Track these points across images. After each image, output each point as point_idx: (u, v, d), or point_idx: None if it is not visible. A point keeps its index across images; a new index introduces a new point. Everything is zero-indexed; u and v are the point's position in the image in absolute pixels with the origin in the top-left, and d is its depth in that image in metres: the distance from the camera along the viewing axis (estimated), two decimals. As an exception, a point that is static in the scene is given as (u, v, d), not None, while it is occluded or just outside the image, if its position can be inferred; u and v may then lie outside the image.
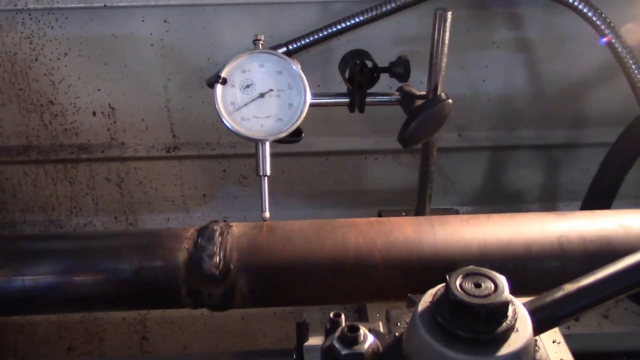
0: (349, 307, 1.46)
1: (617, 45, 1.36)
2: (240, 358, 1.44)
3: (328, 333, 0.86)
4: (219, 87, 1.11)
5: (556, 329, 1.17)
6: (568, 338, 1.13)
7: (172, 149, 1.79)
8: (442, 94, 1.22)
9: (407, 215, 1.55)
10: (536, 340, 0.79)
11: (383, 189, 1.89)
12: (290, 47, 1.47)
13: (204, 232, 1.08)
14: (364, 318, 1.33)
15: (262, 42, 1.15)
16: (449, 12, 1.16)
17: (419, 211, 1.47)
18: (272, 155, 1.76)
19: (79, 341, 1.96)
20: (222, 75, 1.10)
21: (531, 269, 1.05)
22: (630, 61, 1.37)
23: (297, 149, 1.80)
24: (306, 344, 1.39)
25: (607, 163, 1.50)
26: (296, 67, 1.13)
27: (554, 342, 1.10)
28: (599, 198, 1.51)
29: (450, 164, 1.85)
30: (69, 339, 1.97)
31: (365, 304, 1.26)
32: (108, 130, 1.76)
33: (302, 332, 1.42)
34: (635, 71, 1.35)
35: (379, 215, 1.59)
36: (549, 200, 1.93)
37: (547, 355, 0.80)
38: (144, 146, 1.79)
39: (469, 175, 1.89)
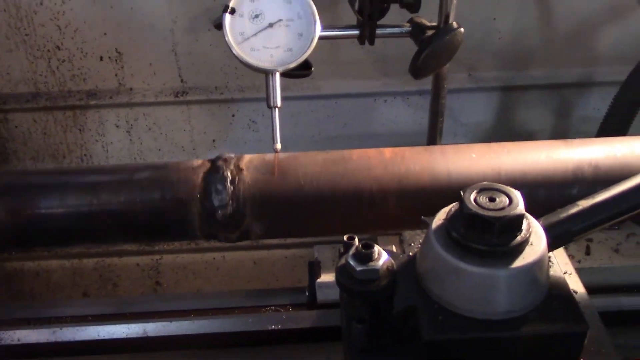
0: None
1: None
2: (254, 296, 1.46)
3: (341, 255, 0.86)
4: (227, 17, 1.09)
5: (568, 261, 1.18)
6: (580, 272, 1.14)
7: (180, 94, 1.79)
8: (454, 22, 1.20)
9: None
10: (550, 257, 0.79)
11: (393, 132, 1.88)
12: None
13: (215, 168, 1.07)
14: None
15: (270, -27, 1.13)
16: (459, -62, 1.14)
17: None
18: (281, 98, 1.77)
19: (94, 287, 1.99)
20: (231, 5, 1.09)
21: (546, 196, 1.04)
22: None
23: (306, 92, 1.80)
24: (318, 280, 1.41)
25: (619, 98, 1.48)
26: (305, -4, 1.11)
27: (565, 273, 1.11)
28: (611, 134, 1.49)
29: (460, 105, 1.84)
30: (83, 284, 1.99)
31: (377, 237, 1.27)
32: (116, 75, 1.75)
33: (314, 269, 1.44)
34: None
35: (390, 153, 1.59)
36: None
37: (561, 271, 0.81)
38: (152, 91, 1.78)
39: (479, 117, 1.87)
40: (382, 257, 0.78)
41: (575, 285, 1.08)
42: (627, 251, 1.47)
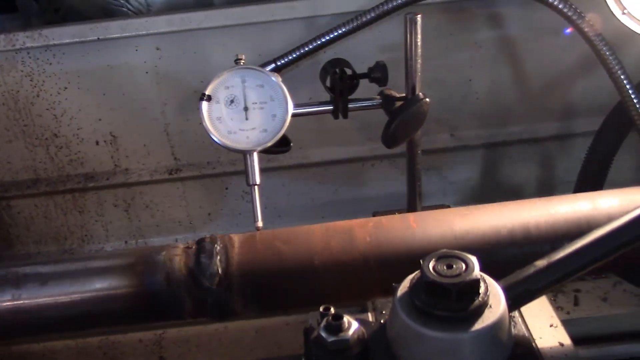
0: (354, 309, 1.50)
1: (590, 34, 1.40)
2: (252, 367, 1.48)
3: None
4: (204, 104, 1.17)
5: (553, 314, 1.20)
6: (568, 323, 1.16)
7: (174, 171, 1.85)
8: (420, 93, 1.27)
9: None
10: (513, 316, 0.83)
11: (382, 194, 1.92)
12: (279, 63, 1.52)
13: (202, 249, 1.12)
14: (367, 315, 1.37)
15: (242, 60, 1.21)
16: (418, 16, 1.21)
17: (411, 210, 1.51)
18: (271, 169, 1.84)
19: (99, 365, 2.01)
20: (207, 92, 1.16)
21: (508, 255, 1.07)
22: (604, 49, 1.40)
23: (295, 161, 1.86)
24: (313, 347, 1.43)
25: (594, 149, 1.53)
26: (276, 79, 1.19)
27: (551, 326, 1.13)
28: (588, 185, 1.54)
29: (445, 164, 1.89)
30: (89, 363, 2.02)
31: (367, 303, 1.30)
32: (112, 157, 1.83)
33: (309, 336, 1.46)
34: (610, 58, 1.39)
35: (373, 216, 1.63)
36: (546, 192, 1.95)
37: (526, 329, 0.84)
38: (147, 170, 1.85)
39: (465, 174, 1.92)
40: (352, 326, 0.82)
41: (561, 337, 1.10)
42: (615, 300, 1.49)
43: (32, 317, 1.09)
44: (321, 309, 0.92)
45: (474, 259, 0.79)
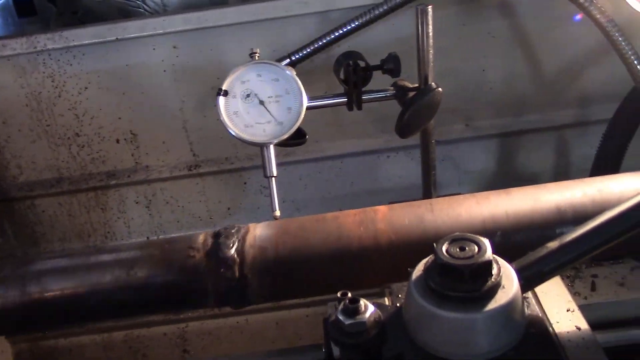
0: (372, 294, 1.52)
1: (601, 20, 1.41)
2: (273, 356, 1.51)
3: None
4: (221, 99, 1.19)
5: (570, 299, 1.21)
6: (585, 308, 1.17)
7: (193, 167, 1.89)
8: (432, 83, 1.29)
9: (415, 204, 1.61)
10: (526, 297, 0.84)
11: (398, 186, 1.94)
12: (294, 58, 1.55)
13: (219, 238, 1.15)
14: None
15: (257, 54, 1.24)
16: (429, 7, 1.23)
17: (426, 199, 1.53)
18: (289, 163, 1.86)
19: (125, 359, 2.05)
20: (223, 87, 1.19)
21: (533, 238, 1.09)
22: (617, 34, 1.40)
23: (312, 155, 1.88)
24: (333, 336, 1.45)
25: (608, 136, 1.54)
26: (291, 73, 1.21)
27: (568, 310, 1.14)
28: (603, 172, 1.54)
29: (460, 154, 1.90)
30: (114, 358, 2.06)
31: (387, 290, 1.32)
32: (132, 155, 1.86)
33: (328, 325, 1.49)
34: (623, 44, 1.39)
35: (389, 206, 1.66)
36: (563, 180, 1.96)
37: (539, 309, 0.85)
38: (167, 167, 1.89)
39: (480, 164, 1.93)
40: (368, 309, 0.84)
41: (578, 321, 1.11)
42: (632, 285, 1.50)
43: (70, 306, 1.13)
44: (339, 294, 0.94)
45: (486, 242, 0.81)
